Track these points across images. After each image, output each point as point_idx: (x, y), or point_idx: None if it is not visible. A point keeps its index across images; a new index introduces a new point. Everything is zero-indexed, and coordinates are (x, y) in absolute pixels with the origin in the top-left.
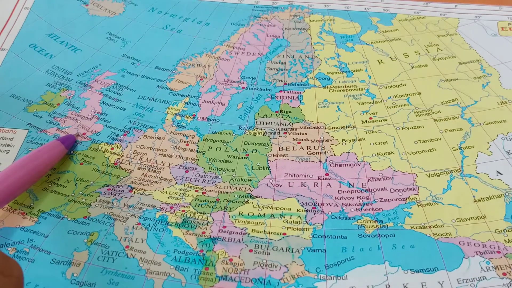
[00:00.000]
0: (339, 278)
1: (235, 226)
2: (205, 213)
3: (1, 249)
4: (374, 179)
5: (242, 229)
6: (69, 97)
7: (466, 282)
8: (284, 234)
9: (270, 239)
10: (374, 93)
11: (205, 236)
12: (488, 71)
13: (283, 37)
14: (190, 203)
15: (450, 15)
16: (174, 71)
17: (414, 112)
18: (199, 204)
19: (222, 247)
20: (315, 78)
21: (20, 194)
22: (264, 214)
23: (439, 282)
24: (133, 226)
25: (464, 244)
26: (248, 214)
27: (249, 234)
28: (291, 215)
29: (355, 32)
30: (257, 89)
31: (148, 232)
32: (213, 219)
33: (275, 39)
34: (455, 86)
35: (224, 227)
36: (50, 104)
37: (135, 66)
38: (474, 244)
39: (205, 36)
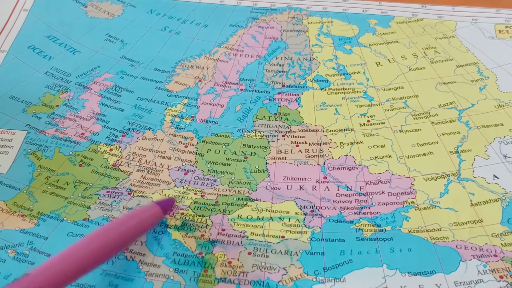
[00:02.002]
0: (337, 280)
1: (234, 229)
2: (204, 216)
3: (1, 251)
4: (372, 183)
5: (241, 232)
6: (68, 99)
7: (463, 285)
8: (283, 237)
9: (269, 242)
10: (372, 95)
11: (204, 239)
12: (485, 74)
13: (282, 39)
14: (189, 206)
15: (447, 17)
16: (172, 73)
17: (412, 115)
18: (198, 207)
19: (221, 250)
20: (313, 81)
21: (113, 255)
22: (263, 217)
23: (436, 284)
24: None
25: (461, 247)
26: (247, 217)
27: (248, 237)
28: (289, 218)
29: (353, 34)
30: (255, 91)
31: (147, 235)
32: (212, 222)
33: (273, 41)
34: (453, 89)
35: (223, 230)
36: (49, 106)
37: (133, 67)
38: (471, 248)
39: (203, 38)
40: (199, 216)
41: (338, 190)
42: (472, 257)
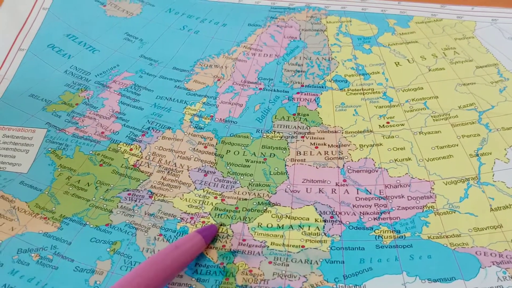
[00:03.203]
0: (357, 287)
1: (254, 239)
2: (225, 225)
3: (24, 254)
4: (391, 186)
5: (262, 242)
6: (87, 97)
7: None
8: (303, 246)
9: (289, 252)
10: (392, 96)
11: (225, 249)
12: (505, 75)
13: (300, 39)
14: (209, 213)
15: (467, 17)
16: (191, 72)
17: (432, 116)
18: (219, 214)
19: (242, 260)
20: (332, 81)
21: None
22: (283, 225)
23: None
24: (155, 237)
25: (480, 254)
26: (267, 226)
27: (268, 247)
28: (309, 226)
29: (372, 34)
30: (274, 90)
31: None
32: (232, 231)
33: (292, 40)
34: (472, 90)
35: (244, 240)
36: (68, 104)
37: (152, 66)
38: (491, 254)
39: (222, 37)
40: (220, 226)
41: (357, 193)
42: (491, 263)
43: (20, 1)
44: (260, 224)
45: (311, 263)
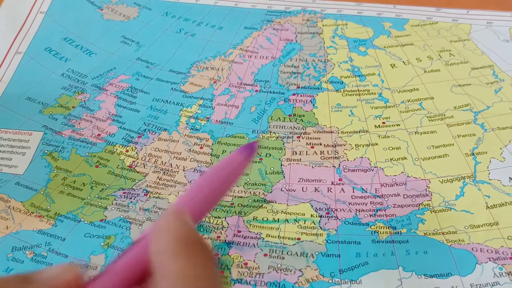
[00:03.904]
0: (353, 282)
1: (249, 231)
2: (220, 218)
3: (19, 252)
4: (387, 185)
5: (257, 233)
6: (84, 100)
7: (479, 287)
8: (298, 239)
9: (285, 244)
10: (387, 97)
11: (220, 240)
12: (501, 76)
13: (296, 41)
14: None
15: (462, 21)
16: (188, 74)
17: (427, 116)
18: (214, 208)
19: (237, 252)
20: (328, 82)
21: (212, 209)
22: (278, 219)
23: (452, 287)
24: None
25: (477, 250)
26: (263, 219)
27: (263, 239)
28: (305, 220)
29: (368, 36)
30: (270, 92)
31: None
32: (227, 223)
33: (288, 43)
34: (468, 91)
35: (239, 231)
36: (65, 107)
37: (149, 69)
38: (487, 251)
39: (218, 40)
40: (215, 217)
41: (353, 192)
42: (488, 259)
43: (17, 4)
44: (255, 217)
45: (306, 256)
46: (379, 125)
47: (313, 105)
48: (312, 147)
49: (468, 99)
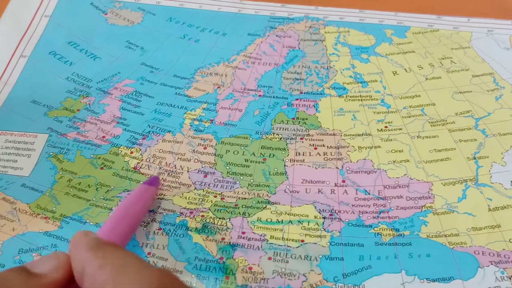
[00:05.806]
0: (356, 287)
1: (254, 232)
2: (224, 219)
3: (26, 254)
4: (390, 187)
5: (261, 235)
6: (89, 103)
7: None
8: (302, 241)
9: (289, 246)
10: (389, 103)
11: (224, 242)
12: (501, 84)
13: (299, 48)
14: (209, 208)
15: (463, 28)
16: (192, 79)
17: (429, 122)
18: (218, 209)
19: (241, 255)
20: (330, 88)
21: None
22: (282, 220)
23: None
24: (154, 232)
25: (479, 253)
26: (267, 220)
27: (267, 240)
28: (308, 222)
29: (370, 44)
30: (273, 97)
31: (169, 238)
32: (232, 224)
33: (291, 49)
34: (469, 98)
35: (243, 233)
36: (70, 110)
37: (153, 74)
38: (489, 254)
39: (222, 46)
40: (219, 218)
41: (356, 194)
42: (490, 263)
43: (22, 8)
44: (259, 218)
45: (310, 260)
46: (381, 129)
47: (316, 109)
48: (315, 148)
49: (469, 106)
